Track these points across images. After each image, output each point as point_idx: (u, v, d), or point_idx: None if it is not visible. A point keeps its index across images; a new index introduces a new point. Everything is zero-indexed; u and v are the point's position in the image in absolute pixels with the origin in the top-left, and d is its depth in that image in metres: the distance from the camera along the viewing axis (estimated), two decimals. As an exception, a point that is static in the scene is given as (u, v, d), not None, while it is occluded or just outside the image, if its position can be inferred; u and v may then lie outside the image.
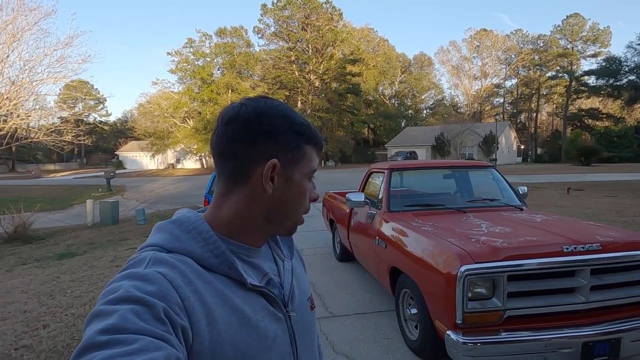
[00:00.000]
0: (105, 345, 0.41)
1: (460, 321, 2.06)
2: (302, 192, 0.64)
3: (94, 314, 0.45)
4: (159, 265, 0.53)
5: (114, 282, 0.50)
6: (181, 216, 0.62)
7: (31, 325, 3.44)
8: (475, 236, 2.37)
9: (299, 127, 0.63)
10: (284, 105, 0.64)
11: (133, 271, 0.51)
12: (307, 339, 0.69)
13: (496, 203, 3.48)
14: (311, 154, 0.64)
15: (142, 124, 43.55)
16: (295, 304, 0.67)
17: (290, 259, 0.72)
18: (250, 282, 0.59)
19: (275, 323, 0.61)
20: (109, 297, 0.47)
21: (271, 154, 0.60)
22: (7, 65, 13.90)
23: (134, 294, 0.46)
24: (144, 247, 0.59)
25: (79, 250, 6.89)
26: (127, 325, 0.43)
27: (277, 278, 0.67)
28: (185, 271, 0.54)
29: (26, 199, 12.98)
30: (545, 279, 2.17)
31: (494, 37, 55.52)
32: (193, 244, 0.57)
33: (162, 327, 0.45)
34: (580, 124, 50.29)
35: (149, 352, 0.41)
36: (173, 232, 0.59)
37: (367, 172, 4.37)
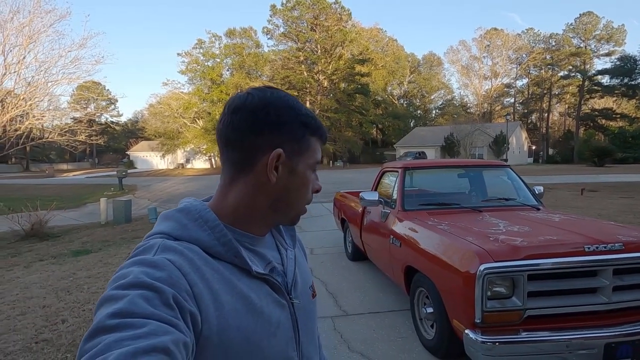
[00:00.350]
0: (114, 328, 0.41)
1: (480, 320, 2.05)
2: (305, 183, 0.65)
3: (104, 299, 0.46)
4: (167, 252, 0.54)
5: (124, 268, 0.51)
6: (187, 204, 0.63)
7: (50, 320, 3.51)
8: (493, 235, 2.35)
9: (305, 118, 0.63)
10: (290, 96, 0.65)
11: (142, 258, 0.52)
12: (309, 325, 0.70)
13: (512, 202, 3.45)
14: (316, 145, 0.66)
15: (152, 124, 44.06)
16: (298, 291, 0.69)
17: (292, 247, 0.74)
18: (255, 270, 0.60)
19: (279, 309, 0.62)
20: (119, 283, 0.47)
21: (277, 143, 0.61)
22: (23, 66, 14.22)
23: (144, 280, 0.47)
24: (151, 234, 0.60)
25: (93, 248, 7.01)
26: (136, 310, 0.44)
27: (280, 266, 0.68)
28: (193, 258, 0.55)
29: (41, 197, 13.25)
30: (566, 278, 2.14)
31: (504, 37, 54.83)
32: (200, 232, 0.58)
33: (171, 313, 0.46)
34: (593, 124, 49.35)
35: (158, 336, 0.41)
36: (180, 220, 0.60)
37: (380, 171, 4.36)
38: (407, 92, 59.65)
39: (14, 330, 3.29)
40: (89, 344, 0.41)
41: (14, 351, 2.89)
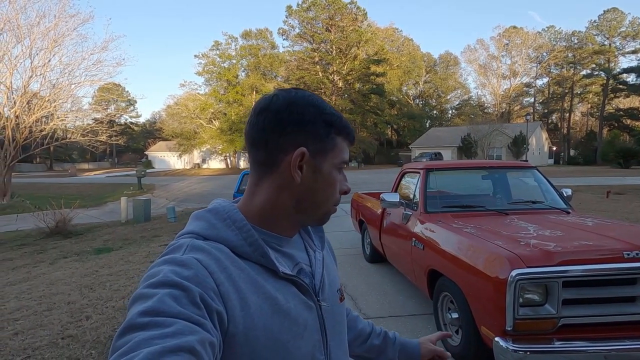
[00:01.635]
0: (144, 326, 0.43)
1: (511, 328, 1.97)
2: (331, 183, 0.64)
3: (136, 296, 0.48)
4: (195, 251, 0.55)
5: (155, 266, 0.53)
6: (217, 205, 0.64)
7: (75, 316, 3.59)
8: (524, 239, 2.26)
9: (330, 117, 0.63)
10: (315, 96, 0.64)
11: (172, 257, 0.54)
12: (337, 329, 0.69)
13: (540, 206, 3.33)
14: (342, 145, 0.64)
15: (169, 125, 44.94)
16: (326, 293, 0.68)
17: (321, 249, 0.73)
18: (282, 271, 0.60)
19: (306, 311, 0.62)
20: (150, 281, 0.49)
21: (300, 142, 0.61)
22: (48, 69, 14.71)
23: (172, 279, 0.49)
24: (182, 234, 0.61)
25: (114, 246, 7.17)
26: (165, 309, 0.45)
27: (308, 268, 0.68)
28: (220, 258, 0.55)
29: (64, 196, 13.66)
30: (602, 286, 2.04)
31: (524, 35, 53.54)
32: (228, 232, 0.59)
33: (198, 312, 0.47)
34: (617, 124, 47.66)
35: (184, 335, 0.43)
36: (209, 220, 0.61)
37: (400, 172, 4.29)
38: (422, 92, 58.96)
39: (40, 325, 3.38)
40: (121, 341, 0.42)
41: (41, 346, 2.96)
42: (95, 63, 15.39)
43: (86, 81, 15.52)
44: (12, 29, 13.88)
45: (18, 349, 2.91)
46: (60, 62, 14.95)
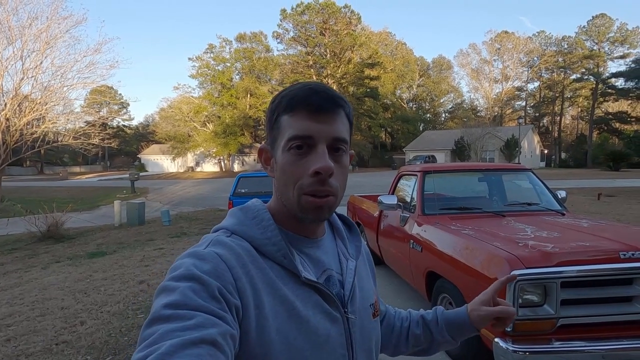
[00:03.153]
0: (168, 319, 0.44)
1: (510, 329, 1.98)
2: (282, 167, 0.59)
3: (161, 289, 0.50)
4: (217, 246, 0.56)
5: (180, 258, 0.54)
6: (250, 204, 0.65)
7: (69, 322, 3.53)
8: (522, 240, 2.28)
9: (276, 100, 0.60)
10: (287, 89, 0.61)
11: (195, 250, 0.55)
12: (367, 346, 0.65)
13: (535, 207, 3.36)
14: (288, 122, 0.58)
15: (163, 128, 44.62)
16: (356, 306, 0.64)
17: (355, 259, 0.69)
18: (305, 276, 0.58)
19: (329, 322, 0.59)
20: (173, 274, 0.51)
21: (267, 142, 0.64)
22: (40, 71, 14.53)
23: (193, 272, 0.50)
24: (216, 229, 0.64)
25: (108, 250, 7.08)
26: (187, 302, 0.46)
27: (338, 276, 0.64)
28: (240, 254, 0.55)
29: (56, 199, 13.47)
30: (599, 286, 2.06)
31: (515, 39, 54.31)
32: (254, 230, 0.60)
33: (218, 305, 0.48)
34: (607, 127, 48.44)
35: (206, 328, 0.44)
36: (239, 217, 0.63)
37: (397, 174, 4.31)
38: (416, 96, 59.41)
39: (34, 331, 3.32)
40: (147, 331, 0.44)
41: (35, 352, 2.91)
42: (88, 65, 15.23)
43: (79, 84, 15.34)
44: (3, 31, 13.70)
45: (11, 356, 2.86)
46: (53, 64, 14.78)
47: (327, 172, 0.56)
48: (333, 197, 0.58)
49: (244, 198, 7.83)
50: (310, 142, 0.57)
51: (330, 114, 0.58)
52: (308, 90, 0.58)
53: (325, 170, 0.55)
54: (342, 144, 0.59)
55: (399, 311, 0.87)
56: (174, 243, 7.24)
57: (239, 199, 7.84)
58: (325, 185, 0.57)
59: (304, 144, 0.57)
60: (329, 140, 0.58)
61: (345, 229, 0.74)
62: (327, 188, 0.57)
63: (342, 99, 0.61)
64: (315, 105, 0.57)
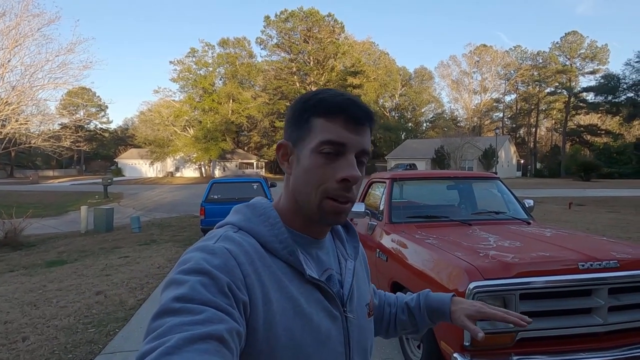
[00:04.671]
0: (176, 312, 0.44)
1: (469, 343, 1.90)
2: (308, 169, 0.59)
3: (170, 281, 0.49)
4: (227, 241, 0.56)
5: (189, 252, 0.54)
6: (255, 201, 0.66)
7: (10, 338, 3.25)
8: (483, 250, 2.22)
9: (309, 101, 0.61)
10: (317, 90, 0.63)
11: (205, 244, 0.55)
12: (362, 344, 0.67)
13: (502, 216, 3.33)
14: (322, 126, 0.59)
15: (142, 132, 43.52)
16: (354, 305, 0.66)
17: (354, 259, 0.71)
18: (309, 274, 0.59)
19: (329, 320, 0.60)
20: (182, 267, 0.50)
21: (287, 137, 0.63)
22: (8, 70, 13.88)
23: (203, 266, 0.49)
24: (220, 224, 0.63)
25: (69, 258, 6.69)
26: (196, 296, 0.46)
27: (338, 276, 0.66)
28: (249, 250, 0.56)
29: (20, 204, 12.79)
30: (558, 298, 2.01)
31: (493, 53, 56.17)
32: (261, 227, 0.60)
33: (226, 300, 0.47)
34: (579, 139, 50.46)
35: (214, 323, 0.44)
36: (246, 214, 0.63)
37: (368, 182, 4.23)
38: (398, 105, 60.37)
39: (-33, 349, 3.02)
40: (156, 323, 0.44)
41: (-38, 373, 2.64)
42: (60, 65, 14.62)
43: (50, 84, 14.72)
44: (-33, 27, 13.05)
45: None
46: (22, 63, 14.15)
47: (355, 181, 0.59)
48: (351, 203, 0.61)
49: (216, 204, 7.58)
50: (341, 150, 0.59)
51: (363, 127, 0.61)
52: (348, 101, 0.60)
53: (354, 179, 0.58)
54: (366, 157, 0.62)
55: (388, 296, 0.90)
56: (140, 251, 6.92)
57: (211, 205, 7.60)
58: (349, 192, 0.59)
59: (335, 150, 0.58)
60: (357, 150, 0.60)
61: (343, 230, 0.76)
62: (350, 195, 0.60)
63: (374, 114, 0.64)
64: (354, 116, 0.59)
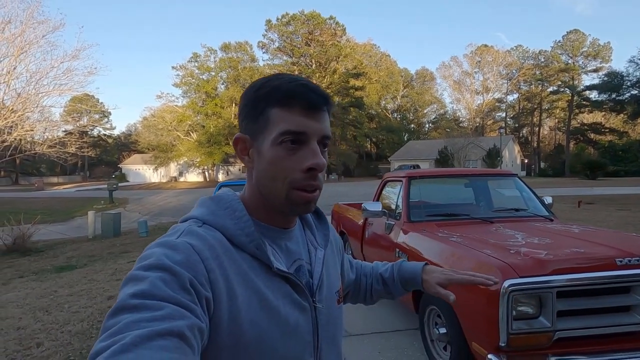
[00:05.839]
0: (134, 308, 0.43)
1: (505, 344, 1.82)
2: (271, 161, 0.58)
3: (129, 278, 0.48)
4: (190, 236, 0.54)
5: (150, 248, 0.52)
6: (221, 193, 0.63)
7: (24, 344, 3.20)
8: (513, 247, 2.15)
9: (263, 90, 0.58)
10: (269, 77, 0.59)
11: (166, 240, 0.53)
12: (331, 332, 0.67)
13: (523, 213, 3.26)
14: (280, 116, 0.57)
15: (145, 137, 43.69)
16: (323, 295, 0.66)
17: (324, 247, 0.70)
18: (277, 267, 0.58)
19: (298, 311, 0.60)
20: (143, 263, 0.49)
21: (243, 129, 0.60)
22: (13, 77, 13.95)
23: (164, 262, 0.48)
24: (185, 218, 0.61)
25: (78, 263, 6.66)
26: (156, 292, 0.44)
27: (308, 266, 0.66)
28: (214, 245, 0.54)
29: (27, 211, 12.80)
30: (595, 295, 1.93)
31: (494, 53, 56.06)
32: (227, 220, 0.58)
33: (188, 297, 0.46)
34: (583, 138, 50.17)
35: (174, 319, 0.42)
36: (210, 207, 0.61)
37: (382, 181, 4.17)
38: (400, 106, 60.32)
39: (-19, 356, 2.98)
40: (111, 321, 0.42)
41: (-22, 381, 2.59)
42: (65, 72, 14.66)
43: (55, 90, 14.77)
44: (-27, 35, 13.14)
45: (-51, 386, 2.53)
46: (27, 70, 14.22)
47: (321, 169, 0.58)
48: (319, 190, 0.60)
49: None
50: (303, 138, 0.57)
51: (321, 112, 0.59)
52: (302, 87, 0.57)
53: (320, 167, 0.58)
54: (328, 141, 0.61)
55: (364, 267, 0.93)
56: (150, 255, 6.88)
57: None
58: (316, 180, 0.58)
59: (296, 140, 0.57)
60: (319, 137, 0.59)
61: (314, 217, 0.74)
62: (317, 183, 0.59)
63: (330, 97, 0.63)
64: (311, 102, 0.57)
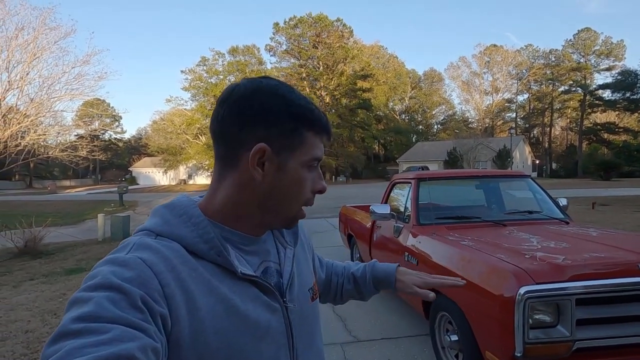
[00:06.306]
0: (77, 333, 0.39)
1: (521, 353, 1.73)
2: (298, 182, 0.58)
3: (72, 301, 0.44)
4: (141, 250, 0.51)
5: (97, 267, 0.49)
6: (175, 200, 0.60)
7: (31, 347, 3.20)
8: (528, 252, 2.06)
9: (299, 109, 0.57)
10: (285, 85, 0.58)
11: (115, 256, 0.50)
12: (306, 330, 0.65)
13: (537, 216, 3.15)
14: (313, 141, 0.58)
15: (155, 141, 44.20)
16: (294, 294, 0.64)
17: (293, 246, 0.69)
18: (242, 271, 0.56)
19: (268, 313, 0.58)
20: (88, 284, 0.46)
21: (261, 137, 0.55)
22: (26, 82, 14.22)
23: (111, 281, 0.45)
24: (137, 230, 0.58)
25: (87, 266, 6.70)
26: (102, 314, 0.41)
27: (276, 266, 0.64)
28: (168, 257, 0.51)
29: (39, 213, 12.99)
30: (617, 303, 1.84)
31: (504, 53, 55.40)
32: (183, 229, 0.55)
33: (139, 315, 0.44)
34: (596, 138, 49.18)
35: (123, 342, 0.39)
36: (164, 216, 0.58)
37: (390, 182, 4.09)
38: (408, 108, 59.97)
39: (-11, 359, 2.98)
40: (51, 349, 0.39)
41: (-15, 385, 2.58)
42: (76, 77, 14.90)
43: (66, 95, 15.02)
44: (-12, 42, 13.43)
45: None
46: (40, 75, 14.49)
47: (325, 192, 0.63)
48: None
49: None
50: (318, 164, 0.61)
51: None
52: (325, 119, 0.60)
53: (325, 190, 0.62)
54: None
55: (336, 266, 0.93)
56: (158, 258, 6.90)
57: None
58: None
59: (316, 164, 0.60)
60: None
61: None
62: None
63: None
64: (330, 136, 0.62)
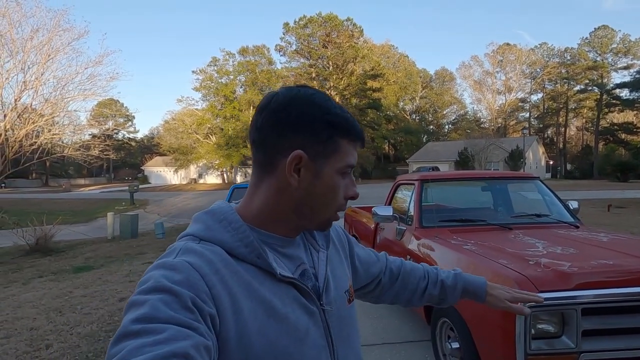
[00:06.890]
0: (136, 334, 0.43)
1: (522, 364, 1.66)
2: (332, 188, 0.61)
3: (130, 304, 0.48)
4: (187, 254, 0.54)
5: (148, 271, 0.52)
6: (215, 207, 0.63)
7: (34, 345, 3.23)
8: (533, 258, 1.97)
9: (334, 117, 0.59)
10: (321, 94, 0.61)
11: (164, 261, 0.53)
12: (345, 332, 0.67)
13: (546, 219, 3.04)
14: (347, 148, 0.61)
15: (167, 140, 44.77)
16: (331, 296, 0.65)
17: (326, 249, 0.70)
18: (281, 273, 0.58)
19: (307, 316, 0.60)
20: (142, 287, 0.49)
21: (298, 144, 0.58)
22: (41, 83, 14.55)
23: (163, 284, 0.48)
24: (181, 236, 0.61)
25: (96, 264, 6.79)
26: (157, 315, 0.44)
27: (312, 269, 0.66)
28: (212, 260, 0.54)
29: (52, 211, 13.27)
30: (626, 313, 1.74)
31: (517, 51, 54.36)
32: (224, 233, 0.58)
33: (191, 316, 0.46)
34: (613, 138, 47.85)
35: (178, 341, 0.42)
36: (206, 222, 0.60)
37: (394, 183, 4.01)
38: (419, 108, 59.39)
39: (-8, 356, 3.02)
40: (115, 349, 0.42)
41: (-14, 382, 2.61)
42: (89, 77, 15.23)
43: (79, 95, 15.32)
44: (5, 43, 13.79)
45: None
46: (54, 76, 14.81)
47: (357, 198, 0.65)
48: None
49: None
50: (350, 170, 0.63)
51: None
52: (359, 127, 0.63)
53: (357, 196, 0.65)
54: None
55: (414, 268, 0.92)
56: (164, 257, 6.95)
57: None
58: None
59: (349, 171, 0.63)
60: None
61: None
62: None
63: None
64: (362, 143, 0.64)
